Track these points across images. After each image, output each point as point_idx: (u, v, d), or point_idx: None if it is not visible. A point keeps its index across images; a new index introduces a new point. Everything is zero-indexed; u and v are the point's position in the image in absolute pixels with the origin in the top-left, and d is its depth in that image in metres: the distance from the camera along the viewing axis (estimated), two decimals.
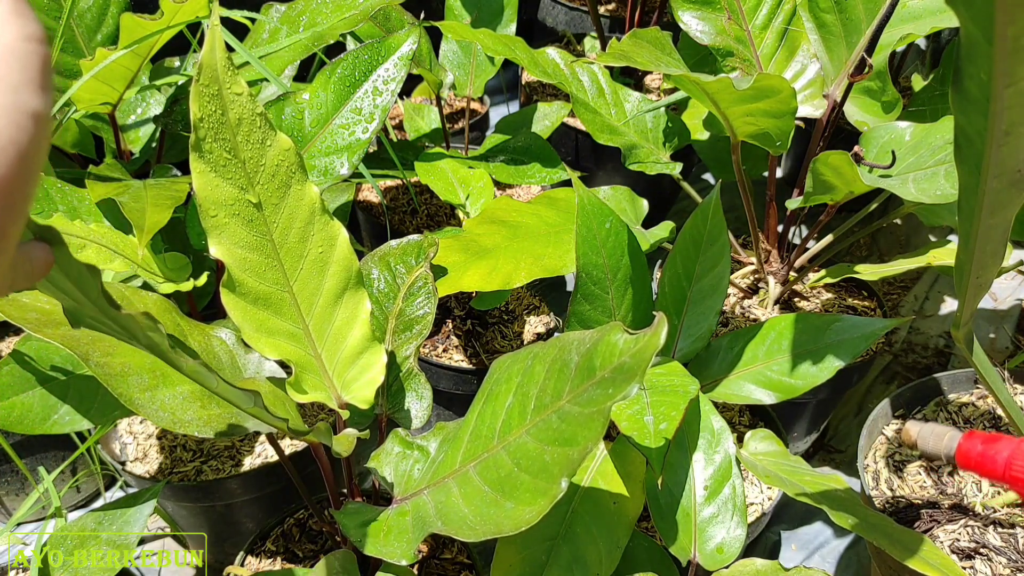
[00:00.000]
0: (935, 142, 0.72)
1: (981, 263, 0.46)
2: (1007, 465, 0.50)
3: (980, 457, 0.52)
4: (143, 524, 0.68)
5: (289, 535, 0.73)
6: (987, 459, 0.51)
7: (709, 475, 0.65)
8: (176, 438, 0.84)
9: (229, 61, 0.48)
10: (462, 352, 0.94)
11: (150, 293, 0.59)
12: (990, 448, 0.52)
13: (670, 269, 0.78)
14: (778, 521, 0.98)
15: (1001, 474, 0.51)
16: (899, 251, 1.33)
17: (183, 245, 0.80)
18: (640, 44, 0.74)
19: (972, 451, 0.52)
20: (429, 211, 1.14)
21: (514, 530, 0.41)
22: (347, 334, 0.57)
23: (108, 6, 0.86)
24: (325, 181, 0.72)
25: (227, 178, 0.50)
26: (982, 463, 0.52)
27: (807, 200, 0.79)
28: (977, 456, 0.52)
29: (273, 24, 0.83)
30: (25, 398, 0.65)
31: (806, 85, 0.87)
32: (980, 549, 0.69)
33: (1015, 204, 0.42)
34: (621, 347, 0.41)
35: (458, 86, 1.11)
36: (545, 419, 0.44)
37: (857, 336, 0.73)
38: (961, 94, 0.37)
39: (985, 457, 0.52)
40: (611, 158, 1.25)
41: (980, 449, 0.52)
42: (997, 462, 0.51)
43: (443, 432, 0.58)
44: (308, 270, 0.55)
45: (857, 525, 0.57)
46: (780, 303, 0.97)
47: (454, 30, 0.81)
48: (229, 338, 0.62)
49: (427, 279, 0.66)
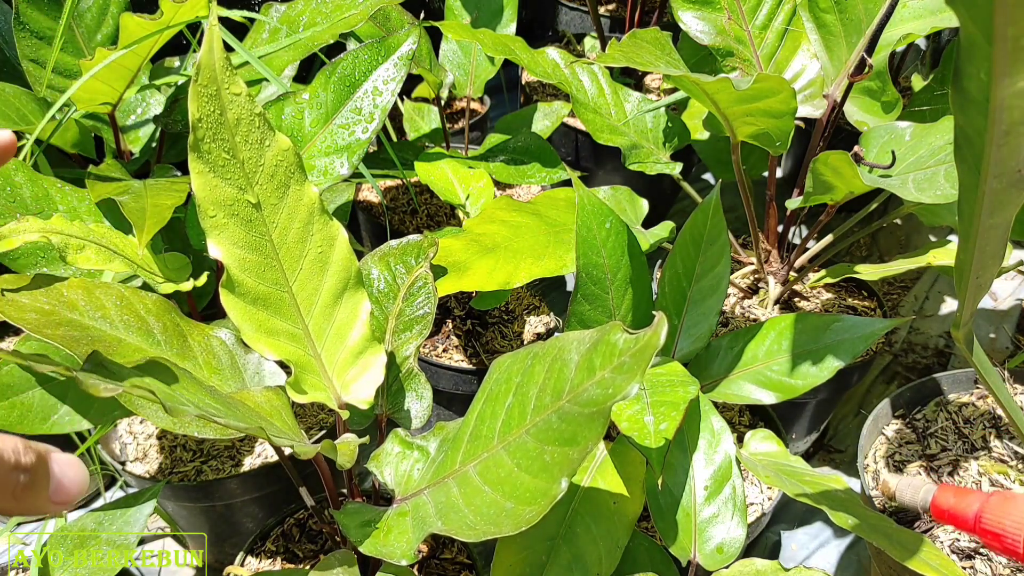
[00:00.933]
0: (935, 142, 0.72)
1: (981, 263, 0.45)
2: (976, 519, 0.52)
3: (952, 510, 0.54)
4: (143, 524, 0.68)
5: (289, 535, 0.73)
6: (959, 512, 0.54)
7: (709, 475, 0.65)
8: (176, 438, 0.84)
9: (227, 61, 0.48)
10: (462, 352, 0.94)
11: (150, 294, 0.59)
12: (961, 501, 0.54)
13: (670, 269, 0.78)
14: (778, 521, 0.98)
15: (972, 527, 0.53)
16: (899, 251, 1.33)
17: (183, 245, 0.80)
18: (640, 44, 0.74)
19: (944, 504, 0.55)
20: (429, 211, 1.14)
21: (514, 530, 0.41)
22: (347, 334, 0.57)
23: (108, 6, 0.86)
24: (325, 181, 0.72)
25: (226, 178, 0.50)
26: (954, 516, 0.54)
27: (807, 200, 0.79)
28: (949, 509, 0.54)
29: (273, 24, 0.83)
30: (25, 398, 0.65)
31: (806, 85, 0.87)
32: (980, 549, 0.69)
33: (1015, 204, 0.42)
34: (621, 347, 0.41)
35: (458, 86, 1.11)
36: (545, 419, 0.44)
37: (857, 336, 0.73)
38: (961, 94, 0.37)
39: (957, 510, 0.54)
40: (611, 158, 1.25)
41: (952, 502, 0.54)
42: (968, 516, 0.53)
43: (443, 432, 0.58)
44: (308, 270, 0.55)
45: (857, 525, 0.57)
46: (780, 303, 0.97)
47: (454, 30, 0.81)
48: (229, 338, 0.62)
49: (427, 279, 0.66)
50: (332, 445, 0.51)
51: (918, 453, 0.79)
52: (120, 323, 0.56)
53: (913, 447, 0.80)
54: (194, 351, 0.60)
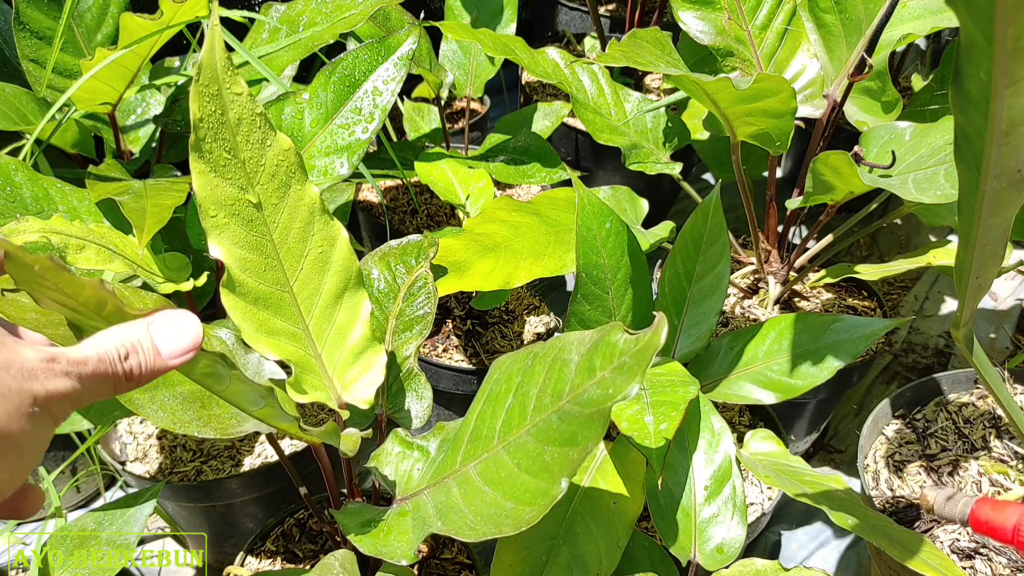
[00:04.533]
0: (935, 142, 0.72)
1: (981, 263, 0.46)
2: (1015, 531, 0.55)
3: (991, 522, 0.57)
4: (143, 524, 0.68)
5: (289, 535, 0.73)
6: (997, 524, 0.57)
7: (709, 475, 0.65)
8: (176, 438, 0.84)
9: (229, 61, 0.48)
10: (462, 352, 0.94)
11: (150, 293, 0.59)
12: (999, 514, 0.57)
13: (670, 269, 0.78)
14: (778, 521, 0.98)
15: (1010, 538, 0.56)
16: (899, 251, 1.33)
17: (183, 245, 0.80)
18: (640, 44, 0.74)
19: (983, 516, 0.58)
20: (429, 211, 1.15)
21: (514, 530, 0.41)
22: (347, 334, 0.57)
23: (108, 6, 0.86)
24: (325, 181, 0.72)
25: (227, 178, 0.50)
26: (993, 528, 0.57)
27: (807, 200, 0.79)
28: (988, 521, 0.57)
29: (273, 24, 0.83)
30: None
31: (806, 85, 0.87)
32: (980, 549, 0.69)
33: (1015, 204, 0.42)
34: (621, 347, 0.41)
35: (458, 86, 1.11)
36: (545, 419, 0.44)
37: (857, 336, 0.73)
38: (961, 94, 0.37)
39: (995, 523, 0.57)
40: (611, 158, 1.25)
41: (991, 515, 0.57)
42: (1006, 528, 0.56)
43: (443, 432, 0.58)
44: (308, 270, 0.55)
45: (857, 525, 0.57)
46: (780, 303, 0.97)
47: (454, 30, 0.81)
48: (229, 338, 0.62)
49: (427, 279, 0.66)
50: (335, 428, 0.50)
51: (918, 453, 0.79)
52: None
53: (913, 447, 0.80)
54: None
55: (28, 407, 0.30)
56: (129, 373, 0.34)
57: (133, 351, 0.34)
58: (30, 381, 0.30)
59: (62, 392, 0.32)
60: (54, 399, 0.31)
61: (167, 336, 0.35)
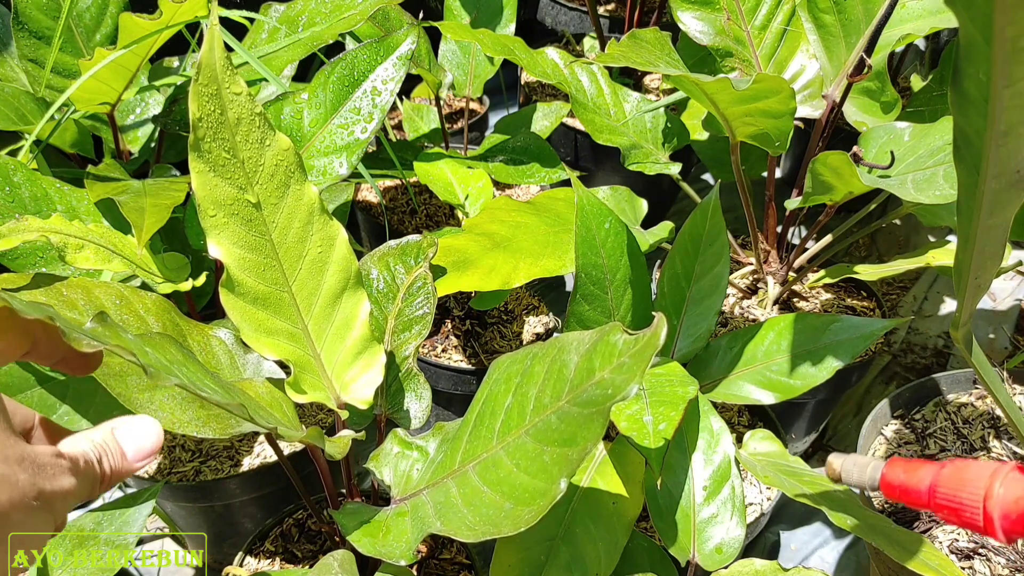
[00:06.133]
0: (934, 142, 0.72)
1: (980, 263, 0.46)
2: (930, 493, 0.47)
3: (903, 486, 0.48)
4: (142, 524, 0.68)
5: (288, 535, 0.73)
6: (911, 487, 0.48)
7: (708, 475, 0.65)
8: (175, 438, 0.84)
9: (228, 61, 0.48)
10: (461, 352, 0.94)
11: (149, 293, 0.59)
12: (913, 475, 0.48)
13: (669, 269, 0.78)
14: (777, 521, 0.98)
15: (926, 502, 0.47)
16: (898, 251, 1.33)
17: (182, 245, 0.80)
18: (639, 44, 0.74)
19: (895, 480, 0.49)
20: (428, 211, 1.14)
21: (513, 530, 0.41)
22: (346, 334, 0.57)
23: (107, 6, 0.86)
24: (324, 181, 0.72)
25: (226, 178, 0.50)
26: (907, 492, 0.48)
27: (806, 200, 0.79)
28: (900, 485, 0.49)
29: (272, 24, 0.83)
30: (24, 398, 0.65)
31: (805, 85, 0.87)
32: (979, 549, 0.69)
33: (1014, 205, 0.42)
34: (620, 347, 0.41)
35: (457, 86, 1.11)
36: (544, 419, 0.44)
37: (856, 336, 0.73)
38: (960, 94, 0.37)
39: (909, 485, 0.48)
40: (610, 158, 1.25)
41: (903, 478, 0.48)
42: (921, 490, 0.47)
43: (442, 432, 0.58)
44: (307, 270, 0.55)
45: (856, 526, 0.57)
46: (779, 303, 0.97)
47: (453, 30, 0.81)
48: (228, 338, 0.62)
49: (426, 279, 0.66)
50: (319, 432, 0.50)
51: (917, 453, 0.79)
52: (119, 322, 0.56)
53: (912, 447, 0.80)
54: (193, 351, 0.60)
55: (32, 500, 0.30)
56: (103, 475, 0.35)
57: (104, 454, 0.35)
58: (40, 476, 0.31)
59: (66, 490, 0.32)
60: (58, 496, 0.32)
61: (132, 440, 0.37)
